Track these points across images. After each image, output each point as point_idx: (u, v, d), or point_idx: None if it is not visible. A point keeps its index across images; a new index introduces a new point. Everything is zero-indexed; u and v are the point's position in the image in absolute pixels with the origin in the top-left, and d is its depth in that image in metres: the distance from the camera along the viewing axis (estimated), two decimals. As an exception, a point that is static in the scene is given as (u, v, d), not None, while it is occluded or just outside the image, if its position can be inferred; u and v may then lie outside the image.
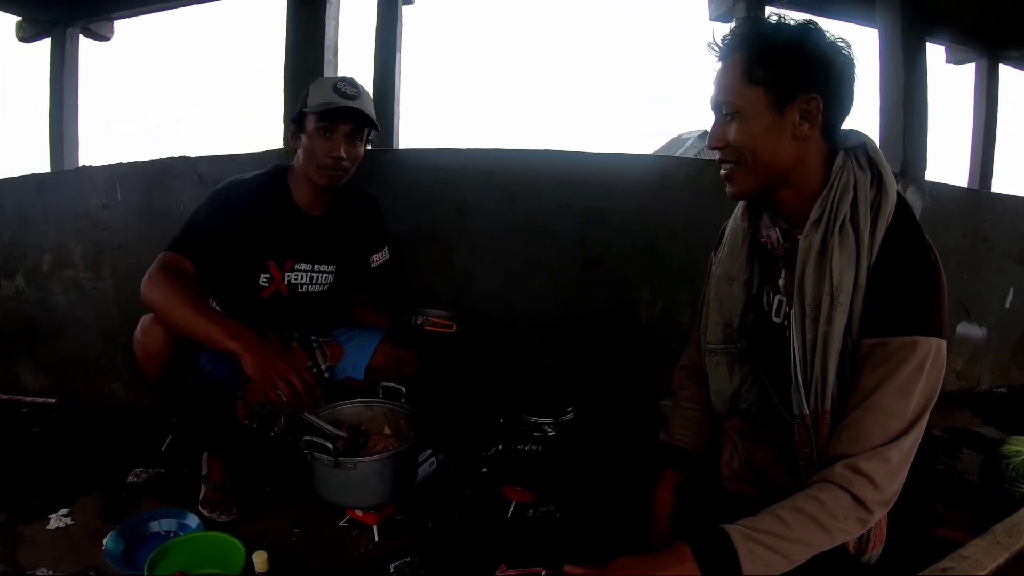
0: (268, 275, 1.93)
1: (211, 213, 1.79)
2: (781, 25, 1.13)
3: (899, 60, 3.35)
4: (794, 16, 1.15)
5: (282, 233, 1.91)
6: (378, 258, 2.15)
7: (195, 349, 1.79)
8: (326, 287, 2.06)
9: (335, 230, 2.01)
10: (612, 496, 1.53)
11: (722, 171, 1.21)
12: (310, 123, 1.83)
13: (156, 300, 1.64)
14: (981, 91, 5.01)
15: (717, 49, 1.19)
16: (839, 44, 1.12)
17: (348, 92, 1.84)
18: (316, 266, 2.01)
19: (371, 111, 1.89)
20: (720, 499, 1.36)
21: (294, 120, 1.90)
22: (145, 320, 1.74)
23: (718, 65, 1.19)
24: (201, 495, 1.93)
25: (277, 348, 1.75)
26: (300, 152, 1.89)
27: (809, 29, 1.11)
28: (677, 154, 15.40)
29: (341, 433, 1.76)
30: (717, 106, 1.18)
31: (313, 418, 1.70)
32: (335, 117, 1.82)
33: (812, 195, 1.15)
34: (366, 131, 1.91)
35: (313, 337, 2.07)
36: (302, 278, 1.99)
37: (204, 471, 1.98)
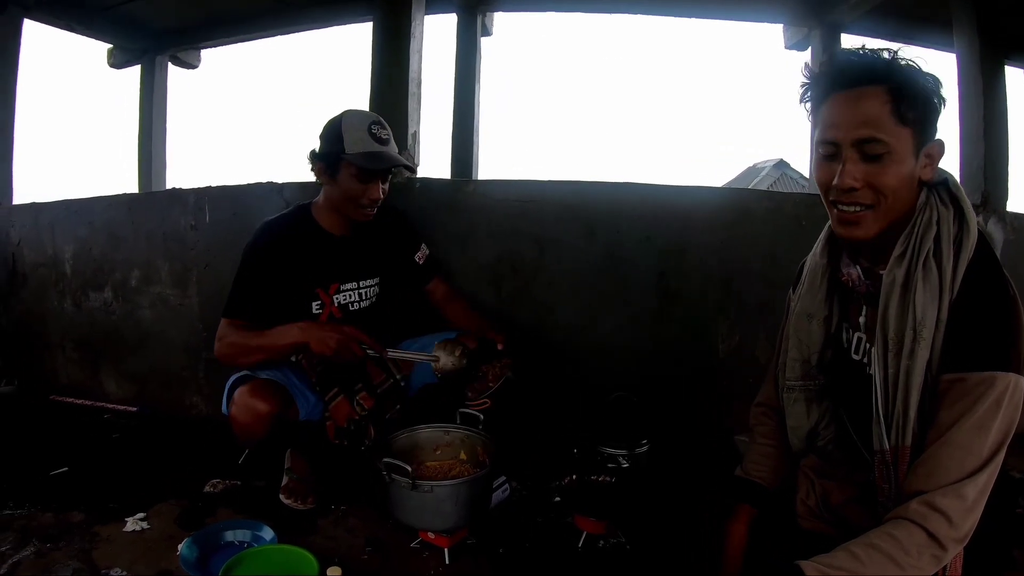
0: (319, 302, 2.04)
1: (251, 266, 1.95)
2: (913, 62, 1.08)
3: (978, 85, 3.26)
4: (860, 44, 1.12)
5: (319, 260, 2.01)
6: (420, 255, 2.26)
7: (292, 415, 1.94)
8: (374, 300, 2.16)
9: (366, 245, 2.11)
10: (684, 530, 1.52)
11: (852, 209, 1.11)
12: (349, 167, 1.91)
13: (231, 357, 1.92)
14: (1064, 115, 4.80)
15: (827, 72, 1.12)
16: (940, 81, 1.09)
17: (383, 137, 1.95)
18: (361, 283, 2.11)
19: (397, 152, 2.01)
20: (795, 537, 1.35)
21: (323, 158, 1.95)
22: (241, 396, 1.84)
23: (827, 91, 1.11)
24: (283, 483, 2.06)
25: (328, 324, 1.92)
26: (331, 189, 1.99)
27: (924, 69, 1.08)
28: (752, 184, 15.15)
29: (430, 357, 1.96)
30: (859, 141, 1.07)
31: (397, 352, 1.95)
32: (379, 171, 1.94)
33: (898, 231, 1.12)
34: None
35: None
36: (350, 297, 2.10)
37: (288, 464, 2.10)
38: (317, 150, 1.98)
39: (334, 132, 1.93)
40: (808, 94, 1.16)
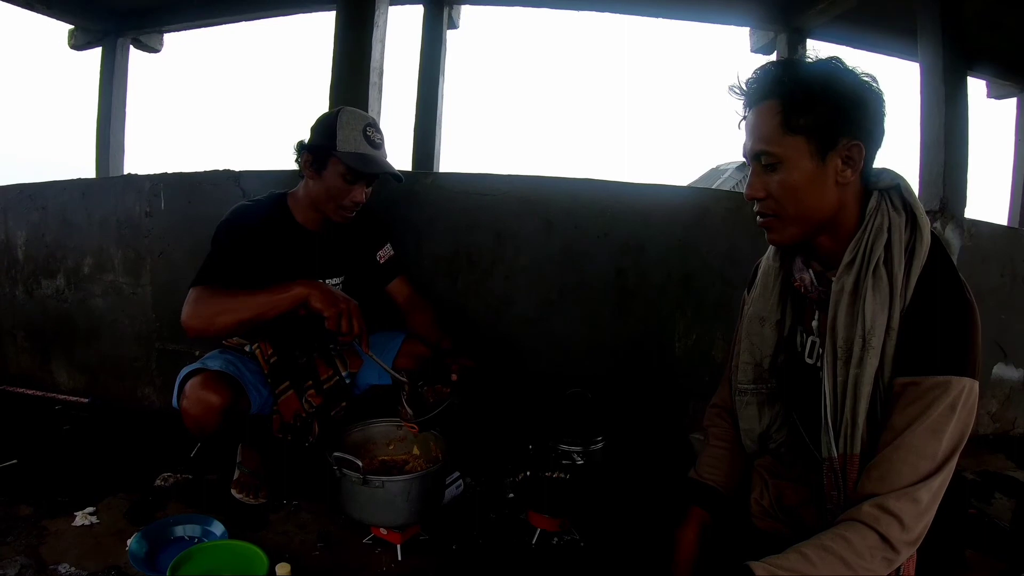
0: None
1: (223, 243, 1.86)
2: (813, 66, 1.10)
3: (940, 94, 3.33)
4: (825, 50, 1.13)
5: (289, 254, 1.94)
6: (383, 254, 2.17)
7: (244, 407, 1.85)
8: None
9: (336, 240, 2.04)
10: (638, 528, 1.52)
11: (760, 220, 1.18)
12: (337, 165, 1.85)
13: (207, 317, 1.73)
14: (1022, 127, 4.95)
15: (741, 92, 1.16)
16: (868, 80, 1.09)
17: (376, 140, 1.89)
18: (326, 281, 2.03)
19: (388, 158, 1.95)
20: (750, 536, 1.35)
21: (312, 150, 1.89)
22: (192, 389, 1.77)
23: (745, 109, 1.16)
24: (235, 477, 2.03)
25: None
26: (314, 184, 1.91)
27: (840, 68, 1.09)
28: (714, 186, 15.20)
29: (403, 378, 1.79)
30: (754, 155, 1.13)
31: (374, 356, 1.76)
32: (366, 175, 1.88)
33: (847, 237, 1.13)
34: None
35: (332, 346, 2.11)
36: None
37: (239, 459, 2.06)
38: (307, 141, 1.92)
39: (328, 126, 1.87)
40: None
